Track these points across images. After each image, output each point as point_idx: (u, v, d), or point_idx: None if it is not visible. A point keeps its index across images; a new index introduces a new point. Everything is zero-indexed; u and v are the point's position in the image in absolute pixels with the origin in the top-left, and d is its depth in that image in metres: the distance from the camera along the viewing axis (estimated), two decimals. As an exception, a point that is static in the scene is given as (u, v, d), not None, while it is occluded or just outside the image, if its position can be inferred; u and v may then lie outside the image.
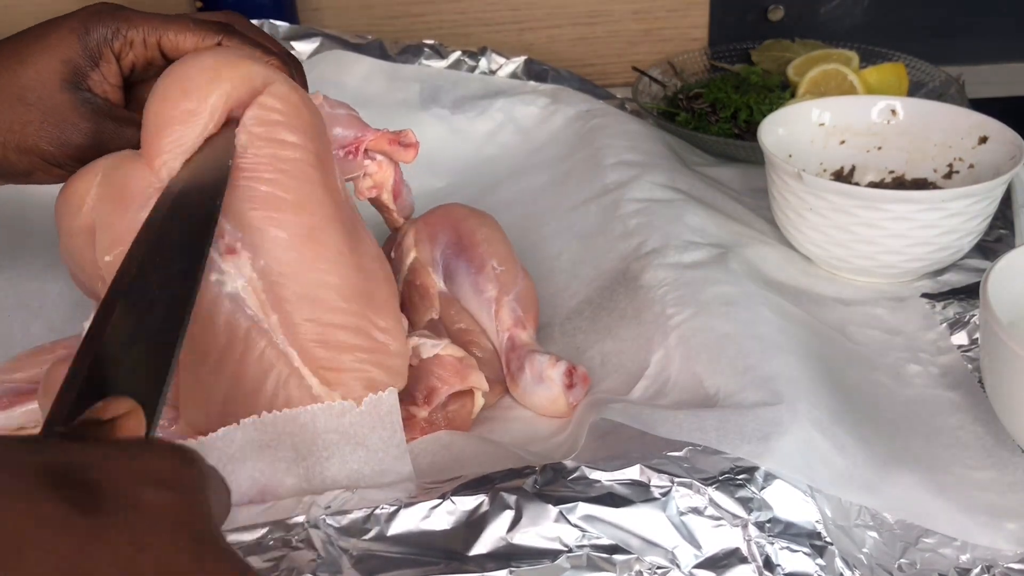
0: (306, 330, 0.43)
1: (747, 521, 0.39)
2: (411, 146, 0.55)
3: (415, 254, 0.57)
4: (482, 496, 0.39)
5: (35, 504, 0.22)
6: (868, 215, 0.58)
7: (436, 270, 0.57)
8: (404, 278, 0.57)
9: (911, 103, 0.68)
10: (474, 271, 0.56)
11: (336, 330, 0.44)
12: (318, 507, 0.40)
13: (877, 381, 0.52)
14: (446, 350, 0.50)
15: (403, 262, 0.57)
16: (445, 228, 0.58)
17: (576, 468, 0.40)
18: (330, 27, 0.90)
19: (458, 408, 0.50)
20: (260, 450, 0.41)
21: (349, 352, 0.44)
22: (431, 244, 0.57)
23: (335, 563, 0.37)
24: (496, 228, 0.59)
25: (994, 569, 0.41)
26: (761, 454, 0.41)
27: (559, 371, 0.51)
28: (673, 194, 0.67)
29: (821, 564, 0.38)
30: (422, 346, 0.50)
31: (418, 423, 0.49)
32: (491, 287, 0.55)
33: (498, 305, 0.55)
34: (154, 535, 0.23)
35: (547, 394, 0.51)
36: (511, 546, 0.37)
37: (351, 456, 0.42)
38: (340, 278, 0.44)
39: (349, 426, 0.43)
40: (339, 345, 0.44)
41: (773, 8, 0.98)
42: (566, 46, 0.98)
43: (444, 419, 0.50)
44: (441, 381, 0.49)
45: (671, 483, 0.39)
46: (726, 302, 0.53)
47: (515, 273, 0.57)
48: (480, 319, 0.56)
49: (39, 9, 0.95)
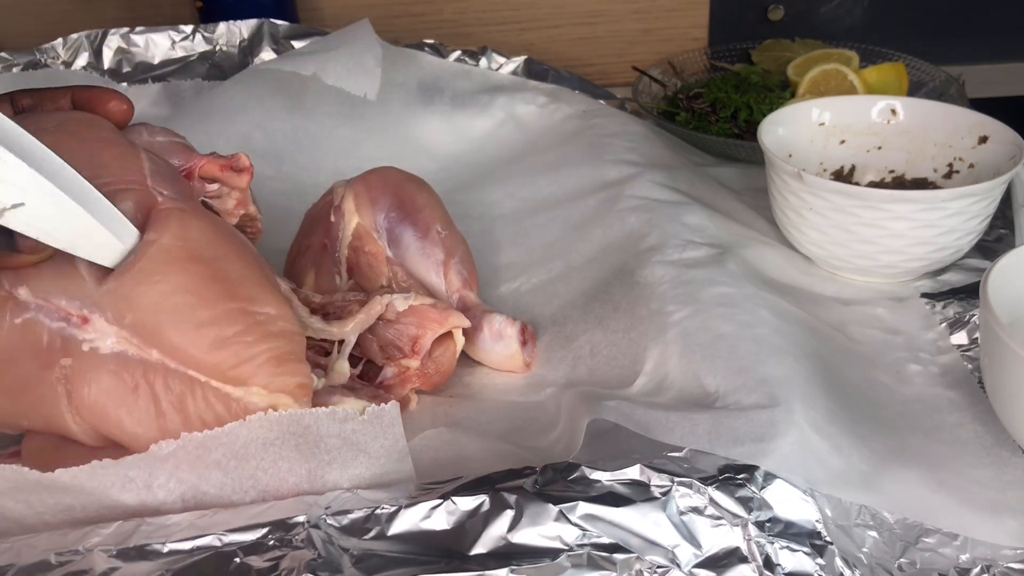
0: (189, 348, 0.43)
1: (747, 520, 0.39)
2: (244, 170, 0.53)
3: (358, 219, 0.57)
4: (483, 496, 0.39)
5: None
6: (868, 215, 0.58)
7: (381, 236, 0.57)
8: (348, 244, 0.57)
9: (911, 103, 0.68)
10: (420, 236, 0.57)
11: (214, 331, 0.43)
12: (318, 507, 0.40)
13: (877, 380, 0.53)
14: (418, 300, 0.52)
15: (345, 227, 0.57)
16: (385, 193, 0.58)
17: (576, 468, 0.40)
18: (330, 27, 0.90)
19: (443, 352, 0.53)
20: (264, 447, 0.41)
21: (238, 344, 0.43)
22: (372, 209, 0.57)
23: (335, 563, 0.37)
24: (433, 192, 0.60)
25: (994, 569, 0.41)
26: (755, 455, 0.42)
27: (516, 329, 0.54)
28: (673, 193, 0.67)
29: (821, 564, 0.38)
30: (395, 301, 0.52)
31: (412, 375, 0.51)
32: (438, 251, 0.57)
33: (446, 268, 0.56)
34: None
35: (506, 351, 0.55)
36: (511, 545, 0.37)
37: (352, 461, 0.42)
38: (192, 290, 0.43)
39: (351, 432, 0.43)
40: (225, 342, 0.43)
41: (773, 8, 0.98)
42: (566, 46, 0.98)
43: (433, 366, 0.52)
44: (423, 328, 0.51)
45: (671, 482, 0.39)
46: (725, 303, 0.53)
47: (456, 237, 0.58)
48: (429, 282, 0.56)
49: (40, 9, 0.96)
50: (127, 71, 0.85)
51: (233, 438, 0.41)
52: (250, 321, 0.44)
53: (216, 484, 0.41)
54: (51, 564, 0.37)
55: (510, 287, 0.62)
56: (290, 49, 0.87)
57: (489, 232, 0.68)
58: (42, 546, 0.38)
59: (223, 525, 0.38)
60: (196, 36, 0.87)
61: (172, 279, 0.43)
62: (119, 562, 0.37)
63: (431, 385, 0.53)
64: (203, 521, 0.39)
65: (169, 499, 0.41)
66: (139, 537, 0.38)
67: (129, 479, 0.40)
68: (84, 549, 0.37)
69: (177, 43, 0.87)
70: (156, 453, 0.41)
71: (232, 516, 0.39)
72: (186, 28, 0.87)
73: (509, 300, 0.61)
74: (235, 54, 0.87)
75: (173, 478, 0.41)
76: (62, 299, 0.43)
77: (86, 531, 0.39)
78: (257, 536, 0.38)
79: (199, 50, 0.87)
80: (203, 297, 0.43)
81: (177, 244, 0.44)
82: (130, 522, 0.39)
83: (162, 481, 0.41)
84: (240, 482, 0.41)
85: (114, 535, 0.38)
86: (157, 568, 0.36)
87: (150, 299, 0.42)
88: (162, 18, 0.94)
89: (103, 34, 0.86)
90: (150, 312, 0.42)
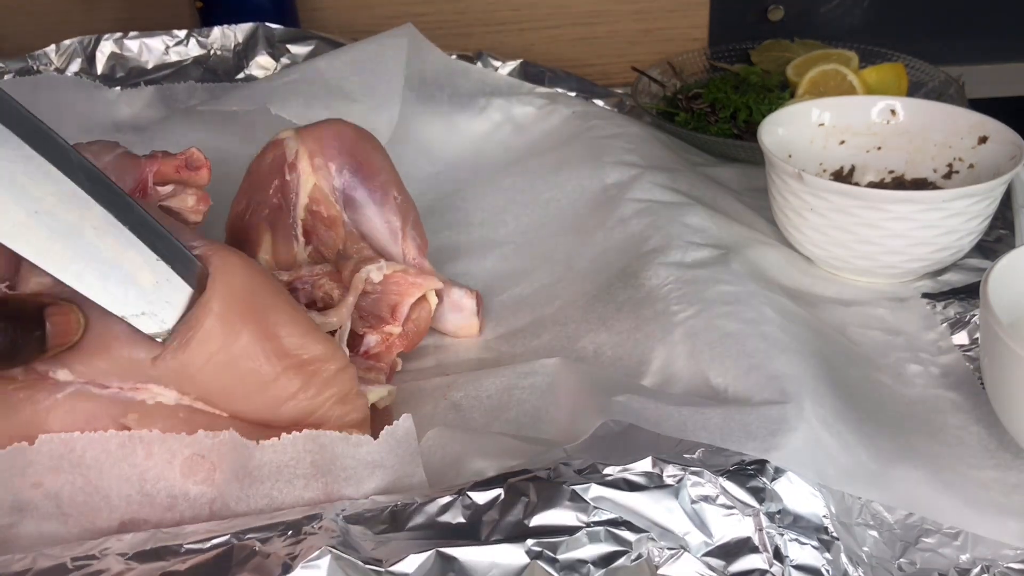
0: (261, 413, 0.43)
1: (759, 511, 0.39)
2: (201, 167, 0.51)
3: (314, 181, 0.56)
4: (498, 489, 0.39)
5: None
6: (868, 215, 0.58)
7: (338, 200, 0.56)
8: (305, 206, 0.55)
9: (911, 103, 0.68)
10: (378, 202, 0.57)
11: (279, 392, 0.43)
12: (334, 509, 0.40)
13: (878, 381, 0.53)
14: (390, 268, 0.54)
15: (300, 189, 0.55)
16: (341, 152, 0.56)
17: (589, 464, 0.40)
18: (330, 27, 0.91)
19: (419, 313, 0.55)
20: (278, 470, 0.41)
21: (303, 401, 0.43)
22: (328, 170, 0.56)
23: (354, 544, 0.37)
24: (385, 152, 0.60)
25: (994, 569, 0.41)
26: (767, 451, 0.42)
27: (472, 300, 0.58)
28: (673, 195, 0.67)
29: (828, 558, 0.38)
30: (371, 273, 0.53)
31: (395, 341, 0.53)
32: (395, 219, 0.57)
33: (403, 236, 0.57)
34: None
35: (463, 321, 0.58)
36: (528, 528, 0.37)
37: (368, 477, 0.42)
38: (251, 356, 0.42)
39: (367, 454, 0.43)
40: (291, 399, 0.43)
41: (773, 8, 0.98)
42: (566, 46, 0.98)
43: (412, 327, 0.55)
44: (401, 295, 0.54)
45: (683, 471, 0.40)
46: (730, 301, 0.54)
47: (409, 201, 0.59)
48: (386, 250, 0.56)
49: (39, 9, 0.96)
50: (120, 76, 0.85)
51: (248, 456, 0.41)
52: (307, 373, 0.44)
53: (235, 497, 0.41)
54: (67, 568, 0.36)
55: (512, 293, 0.62)
56: (286, 53, 0.87)
57: (491, 239, 0.68)
58: (58, 552, 0.37)
59: (239, 527, 0.38)
60: (190, 41, 0.87)
61: (232, 349, 0.41)
62: (135, 563, 0.36)
63: (411, 344, 0.55)
64: (220, 527, 0.39)
65: (200, 501, 0.40)
66: (155, 542, 0.38)
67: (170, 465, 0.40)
68: (100, 554, 0.37)
69: (171, 48, 0.87)
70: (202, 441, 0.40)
71: (248, 520, 0.39)
72: (180, 33, 0.87)
73: (510, 305, 0.61)
74: (230, 58, 0.87)
75: (209, 478, 0.40)
76: (113, 379, 0.41)
77: (102, 540, 0.38)
78: (274, 533, 0.38)
79: (193, 54, 0.87)
80: (262, 362, 0.42)
81: (227, 306, 0.41)
82: (146, 532, 0.39)
83: (199, 478, 0.40)
84: (257, 501, 0.41)
85: (130, 543, 0.38)
86: (173, 563, 0.36)
87: (212, 373, 0.41)
88: (161, 18, 0.94)
89: (96, 39, 0.86)
90: (215, 386, 0.42)
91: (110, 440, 0.39)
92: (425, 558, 0.36)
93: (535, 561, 0.36)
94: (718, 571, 0.37)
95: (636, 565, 0.37)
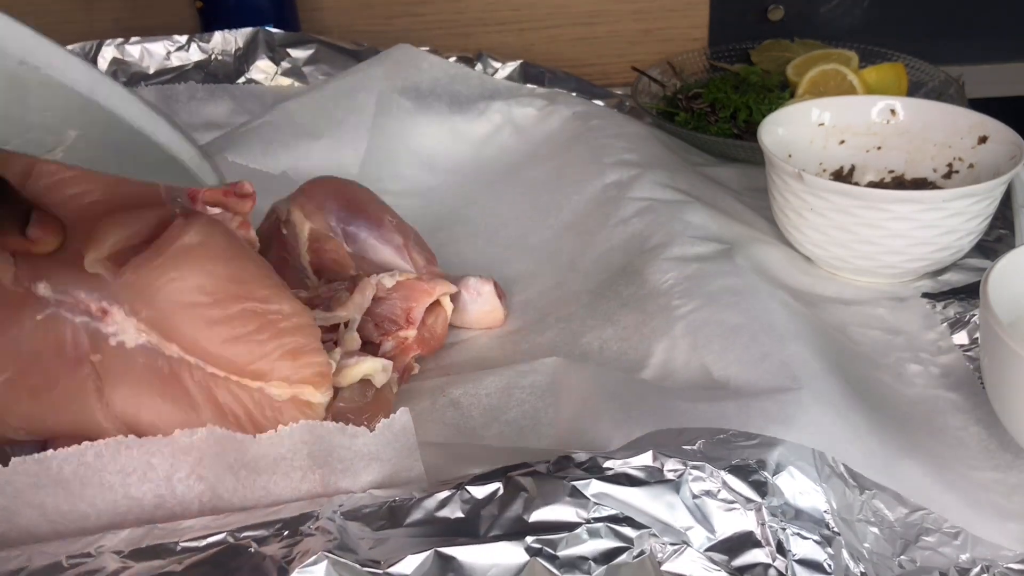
0: (203, 344, 0.43)
1: (761, 505, 0.39)
2: (247, 196, 0.52)
3: (310, 225, 0.57)
4: (496, 484, 0.39)
5: None
6: (868, 215, 0.58)
7: (336, 236, 0.58)
8: (307, 248, 0.57)
9: (911, 103, 0.68)
10: (375, 227, 0.58)
11: (226, 329, 0.43)
12: (331, 505, 0.40)
13: (879, 381, 0.53)
14: (402, 275, 0.55)
15: (298, 236, 0.57)
16: (329, 197, 0.59)
17: (589, 458, 0.40)
18: (330, 27, 0.91)
19: (435, 319, 0.56)
20: (275, 462, 0.41)
21: (250, 342, 0.43)
22: (321, 213, 0.58)
23: (351, 545, 0.36)
24: (368, 190, 0.62)
25: (993, 569, 0.41)
26: (788, 432, 0.42)
27: (490, 286, 0.58)
28: (674, 193, 0.67)
29: (830, 553, 0.38)
30: (382, 280, 0.54)
31: (411, 344, 0.54)
32: (396, 236, 0.59)
33: (407, 250, 0.58)
34: None
35: (486, 308, 0.58)
36: (527, 524, 0.37)
37: (364, 469, 0.42)
38: (208, 291, 0.44)
39: (363, 446, 0.42)
40: (238, 340, 0.43)
41: (773, 8, 0.98)
42: (566, 46, 0.98)
43: (429, 333, 0.55)
44: (413, 300, 0.54)
45: (684, 466, 0.40)
46: (734, 294, 0.54)
47: (405, 224, 0.61)
48: (396, 264, 0.58)
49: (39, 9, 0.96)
50: (122, 81, 0.85)
51: (243, 450, 0.41)
52: (263, 320, 0.44)
53: (230, 489, 0.41)
54: (63, 566, 0.36)
55: (517, 296, 0.62)
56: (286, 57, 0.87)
57: (496, 247, 0.68)
58: (53, 550, 0.37)
59: (235, 524, 0.38)
60: (192, 46, 0.88)
61: (190, 279, 0.43)
62: (131, 562, 0.36)
63: (430, 350, 0.56)
64: (215, 523, 0.39)
65: (188, 496, 0.40)
66: (151, 539, 0.38)
67: (151, 467, 0.40)
68: (96, 552, 0.37)
69: (172, 53, 0.88)
70: (179, 441, 0.40)
71: (244, 517, 0.39)
72: (181, 38, 0.88)
73: (516, 307, 0.61)
74: (231, 63, 0.87)
75: (194, 474, 0.40)
76: (81, 291, 0.43)
77: (98, 536, 0.38)
78: (270, 531, 0.38)
79: (194, 59, 0.88)
80: (218, 298, 0.43)
81: (197, 244, 0.44)
82: (142, 528, 0.39)
83: (183, 475, 0.40)
84: (253, 492, 0.41)
85: (126, 540, 0.38)
86: (169, 564, 0.36)
87: (165, 296, 0.43)
88: (161, 18, 0.94)
89: (98, 45, 0.86)
90: (165, 308, 0.42)
91: (85, 452, 0.39)
92: (423, 559, 0.36)
93: (535, 558, 0.36)
94: (721, 566, 0.37)
95: (639, 561, 0.37)
